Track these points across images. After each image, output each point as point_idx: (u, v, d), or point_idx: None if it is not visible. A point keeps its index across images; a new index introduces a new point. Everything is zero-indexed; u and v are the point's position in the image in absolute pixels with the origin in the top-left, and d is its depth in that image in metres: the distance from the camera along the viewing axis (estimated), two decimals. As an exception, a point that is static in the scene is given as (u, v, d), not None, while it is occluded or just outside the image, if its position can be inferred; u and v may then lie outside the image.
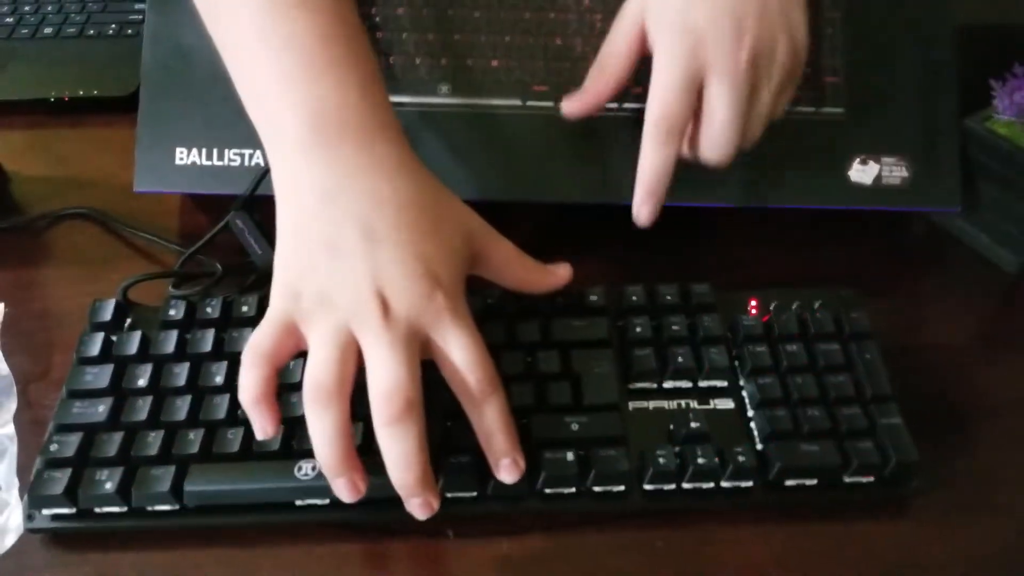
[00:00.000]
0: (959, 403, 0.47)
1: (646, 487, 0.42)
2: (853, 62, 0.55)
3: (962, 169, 0.54)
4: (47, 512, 0.41)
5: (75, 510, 0.40)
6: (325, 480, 0.38)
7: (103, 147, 0.63)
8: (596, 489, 0.41)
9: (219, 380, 0.43)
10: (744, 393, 0.45)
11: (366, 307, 0.37)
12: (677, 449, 0.42)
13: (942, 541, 0.42)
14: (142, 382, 0.43)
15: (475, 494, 0.41)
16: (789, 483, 0.42)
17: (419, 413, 0.36)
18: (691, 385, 0.45)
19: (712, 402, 0.44)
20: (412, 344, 0.37)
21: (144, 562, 0.40)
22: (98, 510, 0.41)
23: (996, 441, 0.46)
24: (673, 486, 0.41)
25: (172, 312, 0.46)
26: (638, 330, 0.46)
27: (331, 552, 0.41)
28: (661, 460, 0.41)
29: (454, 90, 0.54)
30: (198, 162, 0.54)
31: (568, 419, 0.42)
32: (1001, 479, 0.44)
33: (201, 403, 0.43)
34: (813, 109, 0.54)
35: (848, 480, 0.42)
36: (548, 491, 0.41)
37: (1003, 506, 0.43)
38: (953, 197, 0.54)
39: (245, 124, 0.44)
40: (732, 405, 0.44)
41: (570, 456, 0.41)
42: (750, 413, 0.44)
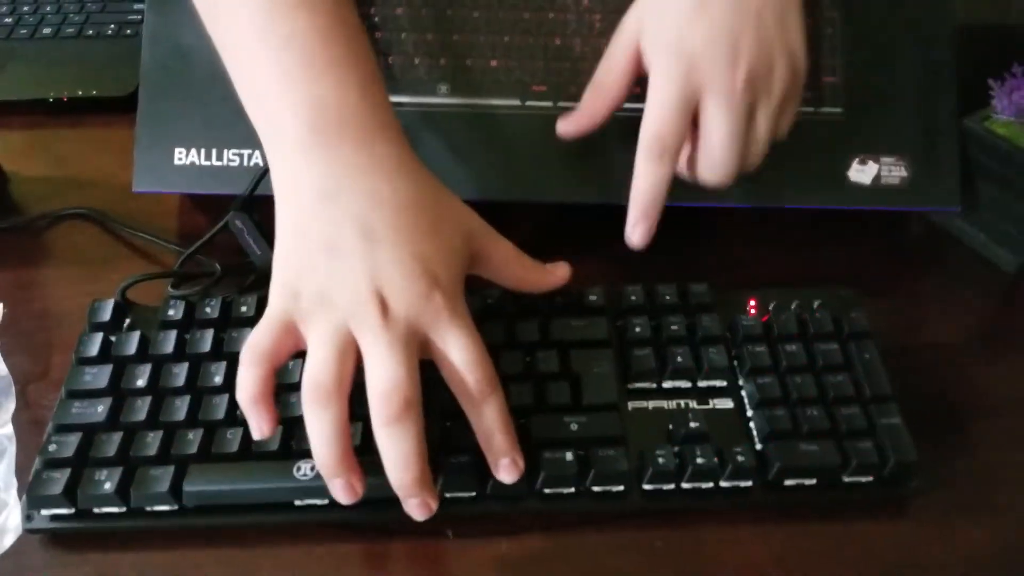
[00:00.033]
0: (959, 403, 0.47)
1: (645, 487, 0.41)
2: (852, 62, 0.55)
3: (961, 169, 0.54)
4: (46, 512, 0.41)
5: (74, 510, 0.40)
6: (324, 480, 0.38)
7: (102, 147, 0.63)
8: (595, 489, 0.41)
9: (218, 380, 0.43)
10: (743, 393, 0.45)
11: (365, 307, 0.37)
12: (676, 449, 0.42)
13: (942, 541, 0.42)
14: (141, 382, 0.43)
15: (474, 494, 0.41)
16: (788, 483, 0.42)
17: (418, 413, 0.36)
18: (690, 385, 0.45)
19: (711, 402, 0.44)
20: (411, 344, 0.37)
21: (143, 562, 0.40)
22: (97, 510, 0.41)
23: (996, 441, 0.46)
24: (672, 486, 0.41)
25: (171, 312, 0.46)
26: (637, 330, 0.46)
27: (330, 552, 0.41)
28: (660, 460, 0.41)
29: (453, 90, 0.54)
30: (197, 162, 0.54)
31: (567, 419, 0.42)
32: (1001, 479, 0.44)
33: (200, 403, 0.43)
34: (812, 109, 0.54)
35: (847, 480, 0.42)
36: (547, 491, 0.41)
37: (1003, 506, 0.43)
38: (952, 197, 0.54)
39: (244, 124, 0.44)
40: (731, 405, 0.44)
41: (569, 456, 0.41)
42: (749, 413, 0.44)
